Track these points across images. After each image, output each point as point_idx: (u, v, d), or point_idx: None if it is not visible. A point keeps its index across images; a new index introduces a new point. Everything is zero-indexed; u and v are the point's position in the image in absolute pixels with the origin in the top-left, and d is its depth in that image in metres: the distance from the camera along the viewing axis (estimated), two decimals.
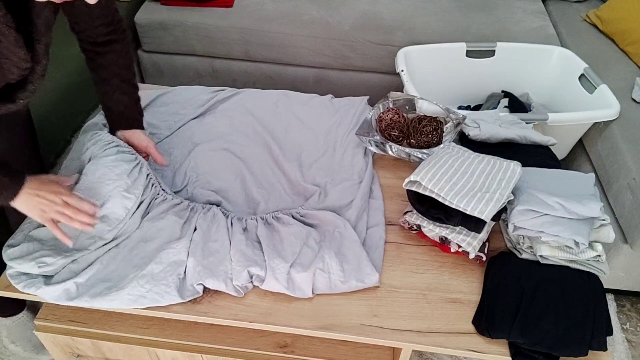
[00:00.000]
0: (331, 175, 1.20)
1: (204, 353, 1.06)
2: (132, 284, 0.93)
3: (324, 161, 1.24)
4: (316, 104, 1.42)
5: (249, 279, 0.97)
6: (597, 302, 0.96)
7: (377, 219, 1.12)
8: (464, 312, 0.97)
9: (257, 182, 1.18)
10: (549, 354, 0.92)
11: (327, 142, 1.30)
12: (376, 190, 1.19)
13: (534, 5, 2.10)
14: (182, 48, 1.99)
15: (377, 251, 1.05)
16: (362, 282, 0.98)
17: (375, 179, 1.22)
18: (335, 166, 1.23)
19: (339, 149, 1.27)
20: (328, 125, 1.34)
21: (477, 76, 1.85)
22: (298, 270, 0.97)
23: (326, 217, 1.07)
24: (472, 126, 1.28)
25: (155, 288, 0.93)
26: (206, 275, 0.95)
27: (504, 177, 1.05)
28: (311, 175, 1.20)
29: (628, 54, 1.84)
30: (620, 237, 1.46)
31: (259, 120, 1.34)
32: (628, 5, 1.85)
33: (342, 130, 1.33)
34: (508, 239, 1.08)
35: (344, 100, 1.44)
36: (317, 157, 1.25)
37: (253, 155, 1.25)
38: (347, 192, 1.14)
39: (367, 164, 1.23)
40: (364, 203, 1.13)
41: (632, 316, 1.67)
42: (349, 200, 1.12)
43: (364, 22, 1.93)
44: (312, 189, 1.16)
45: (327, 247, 1.02)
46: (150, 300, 0.93)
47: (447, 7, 2.03)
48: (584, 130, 1.68)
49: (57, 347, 1.09)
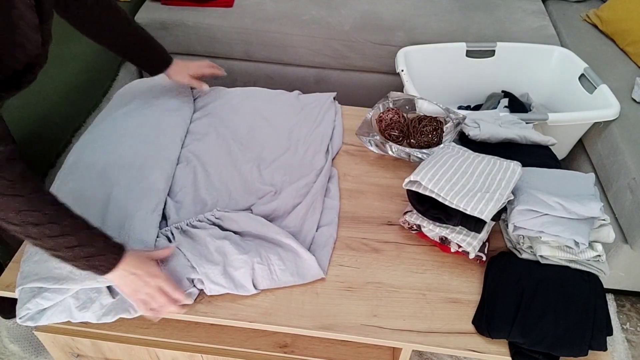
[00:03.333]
0: (290, 173, 1.19)
1: (204, 353, 1.06)
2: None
3: (285, 160, 1.23)
4: (282, 101, 1.42)
5: (191, 284, 0.96)
6: (597, 302, 0.96)
7: (330, 218, 1.11)
8: (464, 312, 0.97)
9: (208, 183, 1.16)
10: (549, 354, 0.92)
11: (289, 140, 1.29)
12: (333, 189, 1.18)
13: (534, 5, 2.10)
14: (183, 48, 1.99)
15: (325, 249, 1.04)
16: (303, 271, 0.98)
17: (334, 178, 1.21)
18: (295, 164, 1.22)
19: (300, 147, 1.27)
20: (292, 123, 1.34)
21: (477, 76, 1.85)
22: (236, 268, 0.96)
23: (242, 219, 1.04)
24: (472, 126, 1.28)
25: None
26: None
27: (504, 177, 1.05)
28: (269, 174, 1.19)
29: (628, 54, 1.84)
30: (620, 237, 1.46)
31: (222, 120, 1.33)
32: (628, 5, 1.85)
33: (306, 128, 1.33)
34: (508, 239, 1.08)
35: (311, 97, 1.44)
36: (277, 156, 1.24)
37: (210, 155, 1.23)
38: (300, 191, 1.13)
39: (326, 162, 1.23)
40: (314, 201, 1.12)
41: (632, 316, 1.67)
42: (299, 201, 1.11)
43: (364, 22, 1.93)
44: (266, 189, 1.14)
45: (258, 243, 1.01)
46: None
47: (447, 7, 2.03)
48: (584, 130, 1.68)
49: (57, 347, 1.09)
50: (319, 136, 1.30)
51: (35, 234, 0.80)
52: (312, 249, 1.04)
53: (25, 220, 0.78)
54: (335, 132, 1.35)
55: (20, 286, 0.94)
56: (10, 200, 0.77)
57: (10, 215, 0.78)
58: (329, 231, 1.08)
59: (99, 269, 0.86)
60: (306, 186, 1.15)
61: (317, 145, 1.28)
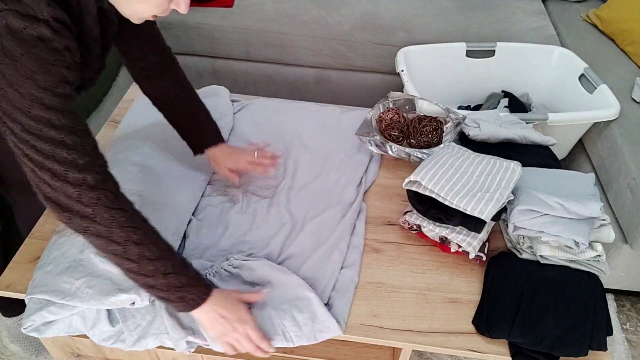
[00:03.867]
0: (316, 203, 1.14)
1: (204, 353, 1.06)
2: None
3: (314, 187, 1.19)
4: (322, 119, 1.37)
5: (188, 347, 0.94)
6: (597, 302, 0.96)
7: (353, 259, 1.03)
8: (464, 312, 0.97)
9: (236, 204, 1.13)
10: (549, 354, 0.92)
11: (323, 166, 1.24)
12: (359, 226, 1.10)
13: (534, 5, 2.09)
14: (183, 48, 1.98)
15: (345, 296, 0.97)
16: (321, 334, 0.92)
17: (362, 214, 1.14)
18: (324, 193, 1.17)
19: (333, 175, 1.21)
20: (329, 147, 1.29)
21: (477, 76, 1.85)
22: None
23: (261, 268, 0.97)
24: (472, 126, 1.28)
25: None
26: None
27: (504, 177, 1.05)
28: (297, 200, 1.15)
29: (628, 54, 1.84)
30: (620, 237, 1.46)
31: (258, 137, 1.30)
32: (628, 5, 1.85)
33: (342, 153, 1.27)
34: (508, 239, 1.08)
35: (352, 115, 1.38)
36: (308, 181, 1.20)
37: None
38: (324, 227, 1.08)
39: (357, 196, 1.16)
40: (339, 242, 1.05)
41: (632, 316, 1.67)
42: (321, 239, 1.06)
43: (364, 22, 1.93)
44: (286, 219, 1.10)
45: (273, 304, 0.93)
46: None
47: (447, 7, 2.03)
48: (584, 130, 1.68)
49: (57, 347, 1.09)
50: (354, 165, 1.24)
51: (136, 255, 0.77)
52: (332, 296, 0.97)
53: (128, 238, 0.76)
54: (371, 163, 1.27)
55: (29, 295, 0.93)
56: (115, 214, 0.75)
57: (115, 231, 0.75)
58: (351, 274, 1.00)
59: (189, 302, 0.83)
60: (331, 220, 1.10)
61: (349, 175, 1.21)
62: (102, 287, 0.90)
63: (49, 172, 0.71)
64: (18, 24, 0.65)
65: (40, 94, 0.68)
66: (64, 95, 0.71)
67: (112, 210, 0.75)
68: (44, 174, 0.71)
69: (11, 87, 0.67)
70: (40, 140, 0.69)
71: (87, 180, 0.73)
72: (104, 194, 0.75)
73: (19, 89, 0.67)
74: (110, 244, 0.76)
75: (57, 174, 0.71)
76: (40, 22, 0.67)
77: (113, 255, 0.77)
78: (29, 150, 0.70)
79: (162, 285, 0.80)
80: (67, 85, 0.72)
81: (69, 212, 0.74)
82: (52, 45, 0.69)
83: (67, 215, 0.74)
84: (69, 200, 0.73)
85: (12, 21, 0.65)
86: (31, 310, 0.93)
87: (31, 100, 0.67)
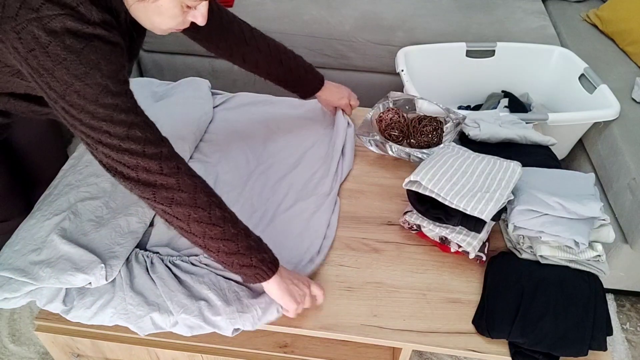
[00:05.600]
0: (291, 194, 1.15)
1: (204, 353, 1.06)
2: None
3: (291, 178, 1.20)
4: (303, 112, 1.39)
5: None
6: (597, 302, 0.96)
7: (324, 252, 1.05)
8: (464, 312, 0.97)
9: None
10: (549, 354, 0.92)
11: (301, 157, 1.25)
12: (333, 221, 1.11)
13: (534, 5, 2.10)
14: (183, 48, 1.99)
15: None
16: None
17: (336, 208, 1.13)
18: (299, 185, 1.18)
19: (310, 167, 1.22)
20: (307, 138, 1.30)
21: (477, 76, 1.85)
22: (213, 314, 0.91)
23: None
24: (472, 126, 1.28)
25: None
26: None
27: (504, 177, 1.05)
28: (273, 190, 1.16)
29: (628, 54, 1.84)
30: (620, 237, 1.46)
31: (240, 130, 1.31)
32: (628, 5, 1.85)
33: (323, 146, 1.28)
34: (508, 239, 1.08)
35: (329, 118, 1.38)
36: (285, 173, 1.21)
37: (226, 165, 1.21)
38: (295, 220, 1.08)
39: (331, 190, 1.16)
40: (313, 236, 1.06)
41: (632, 316, 1.67)
42: (287, 234, 1.06)
43: (364, 22, 1.93)
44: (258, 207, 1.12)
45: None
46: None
47: (447, 7, 2.03)
48: (584, 130, 1.68)
49: (57, 347, 1.09)
50: (330, 157, 1.24)
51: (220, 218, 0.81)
52: None
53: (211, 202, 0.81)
54: (346, 152, 1.27)
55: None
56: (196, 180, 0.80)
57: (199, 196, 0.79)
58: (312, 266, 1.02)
59: (267, 265, 0.86)
60: (303, 214, 1.10)
61: (326, 168, 1.22)
62: (61, 266, 0.93)
63: (127, 152, 0.75)
64: (75, 25, 0.70)
65: (105, 81, 0.72)
66: (125, 81, 0.76)
67: (193, 177, 0.80)
68: (121, 156, 0.75)
69: (77, 80, 0.71)
70: (113, 125, 0.73)
71: (163, 152, 0.77)
72: (181, 162, 0.79)
73: (85, 80, 0.71)
74: (196, 210, 0.79)
75: (135, 153, 0.75)
76: (95, 24, 0.72)
77: (197, 223, 0.80)
78: (102, 136, 0.73)
79: (244, 249, 0.83)
80: (124, 71, 0.77)
81: (153, 187, 0.77)
82: (107, 39, 0.74)
83: (151, 190, 0.77)
84: (150, 175, 0.76)
85: (70, 23, 0.70)
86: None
87: (98, 89, 0.71)
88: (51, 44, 0.69)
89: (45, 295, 0.95)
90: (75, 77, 0.70)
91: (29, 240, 0.99)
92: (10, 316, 1.56)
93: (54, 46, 0.69)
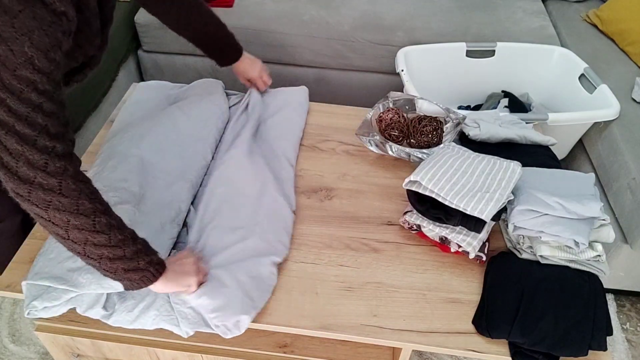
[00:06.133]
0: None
1: (204, 353, 1.06)
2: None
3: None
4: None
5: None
6: (597, 302, 0.96)
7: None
8: (464, 312, 0.97)
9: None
10: (549, 354, 0.92)
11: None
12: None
13: (534, 5, 2.10)
14: (183, 48, 1.98)
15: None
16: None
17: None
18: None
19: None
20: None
21: (477, 76, 1.85)
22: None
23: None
24: (472, 126, 1.28)
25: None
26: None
27: (504, 177, 1.05)
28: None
29: (628, 54, 1.84)
30: (620, 237, 1.46)
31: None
32: (628, 5, 1.85)
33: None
34: (508, 239, 1.08)
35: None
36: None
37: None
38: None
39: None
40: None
41: (632, 316, 1.67)
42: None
43: (364, 22, 1.93)
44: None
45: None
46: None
47: (447, 7, 2.03)
48: (584, 130, 1.68)
49: (57, 347, 1.09)
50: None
51: (105, 225, 0.75)
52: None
53: (96, 209, 0.75)
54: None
55: (29, 281, 0.94)
56: (82, 185, 0.74)
57: (83, 202, 0.73)
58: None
59: (154, 269, 0.84)
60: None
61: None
62: None
63: (17, 135, 0.67)
64: None
65: (32, 53, 0.65)
66: (54, 61, 0.68)
67: (79, 181, 0.72)
68: (9, 138, 0.67)
69: (3, 43, 0.64)
70: (17, 101, 0.66)
71: (56, 148, 0.69)
72: (71, 165, 0.72)
73: (11, 45, 0.64)
74: (78, 217, 0.72)
75: (25, 138, 0.67)
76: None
77: (78, 230, 0.73)
78: (1, 109, 0.66)
79: (131, 254, 0.79)
80: (59, 51, 0.69)
81: (30, 184, 0.69)
82: (51, 7, 0.67)
83: (26, 188, 0.69)
84: (31, 169, 0.68)
85: None
86: (32, 295, 0.94)
87: (21, 59, 0.65)
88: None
89: (85, 301, 0.94)
90: (2, 40, 0.64)
91: (63, 248, 0.98)
92: (10, 316, 1.56)
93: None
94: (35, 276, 0.94)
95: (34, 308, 0.94)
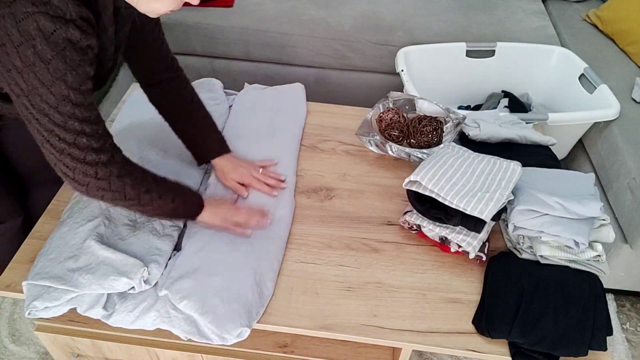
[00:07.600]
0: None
1: (204, 353, 1.06)
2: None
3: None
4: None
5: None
6: (597, 302, 0.96)
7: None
8: (464, 312, 0.97)
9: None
10: (549, 354, 0.92)
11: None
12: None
13: (534, 5, 2.10)
14: (182, 48, 1.98)
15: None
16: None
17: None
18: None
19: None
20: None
21: (477, 76, 1.85)
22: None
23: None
24: (472, 126, 1.28)
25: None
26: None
27: (504, 177, 1.05)
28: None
29: (628, 54, 1.84)
30: (620, 237, 1.46)
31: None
32: (628, 5, 1.85)
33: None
34: (508, 239, 1.08)
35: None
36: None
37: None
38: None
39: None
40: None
41: (632, 316, 1.67)
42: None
43: (364, 22, 1.93)
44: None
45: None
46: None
47: (447, 7, 2.03)
48: (584, 130, 1.68)
49: (57, 347, 1.09)
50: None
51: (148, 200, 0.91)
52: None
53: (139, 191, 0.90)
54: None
55: (29, 281, 0.94)
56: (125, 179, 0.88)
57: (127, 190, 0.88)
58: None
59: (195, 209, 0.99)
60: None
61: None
62: (103, 271, 0.94)
63: (69, 156, 0.81)
64: (48, 26, 0.69)
65: (68, 92, 0.75)
66: (87, 91, 0.79)
67: (122, 177, 0.87)
68: (64, 158, 0.81)
69: (43, 86, 0.73)
70: (64, 131, 0.78)
71: (101, 159, 0.83)
72: (115, 167, 0.86)
73: (50, 88, 0.74)
74: (126, 201, 0.90)
75: (76, 158, 0.81)
76: (69, 22, 0.71)
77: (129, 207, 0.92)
78: (52, 138, 0.79)
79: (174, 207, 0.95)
80: (90, 81, 0.79)
81: (86, 186, 0.85)
82: (79, 45, 0.74)
83: (84, 188, 0.85)
84: (86, 177, 0.84)
85: (43, 24, 0.69)
86: (32, 295, 0.94)
87: (61, 98, 0.75)
88: (22, 45, 0.69)
89: (86, 301, 0.94)
90: (41, 83, 0.73)
91: (64, 248, 0.98)
92: (10, 316, 1.56)
93: (25, 48, 0.69)
94: (35, 276, 0.94)
95: (35, 308, 0.94)
